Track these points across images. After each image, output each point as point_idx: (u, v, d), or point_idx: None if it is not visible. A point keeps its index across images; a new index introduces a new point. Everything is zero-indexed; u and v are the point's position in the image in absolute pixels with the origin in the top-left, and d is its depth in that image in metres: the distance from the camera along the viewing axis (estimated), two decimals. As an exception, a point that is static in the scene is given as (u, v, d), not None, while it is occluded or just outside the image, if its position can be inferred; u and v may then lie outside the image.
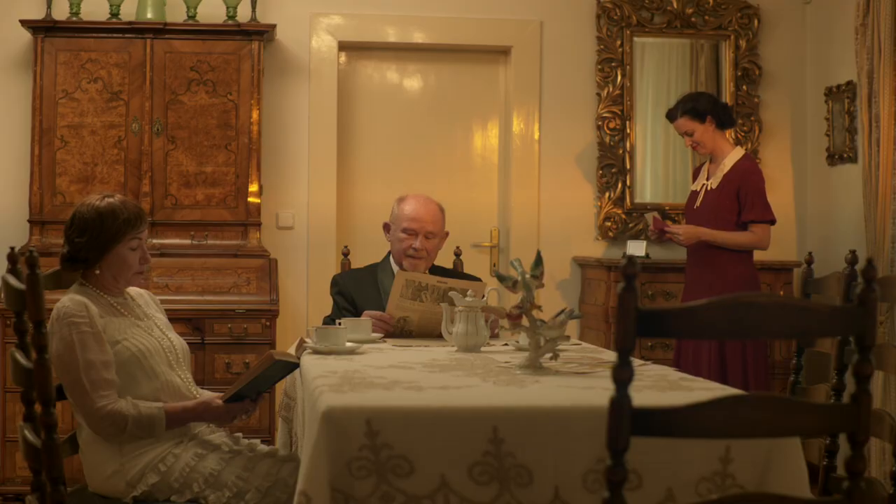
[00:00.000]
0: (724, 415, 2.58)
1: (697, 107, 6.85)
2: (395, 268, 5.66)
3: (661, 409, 2.58)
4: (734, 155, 6.82)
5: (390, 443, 3.23)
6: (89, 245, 4.15)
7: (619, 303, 2.53)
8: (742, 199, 6.72)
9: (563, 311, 4.13)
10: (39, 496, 3.66)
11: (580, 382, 3.79)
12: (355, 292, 5.62)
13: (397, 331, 5.30)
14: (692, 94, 7.18)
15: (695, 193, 6.94)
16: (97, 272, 4.19)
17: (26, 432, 3.69)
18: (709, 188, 6.83)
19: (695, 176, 7.12)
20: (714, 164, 6.88)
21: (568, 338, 4.22)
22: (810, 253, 5.06)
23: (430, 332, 5.25)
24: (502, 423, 3.27)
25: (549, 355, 4.08)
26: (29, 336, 3.60)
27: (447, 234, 5.72)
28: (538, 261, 4.20)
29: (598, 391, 3.58)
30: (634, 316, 2.52)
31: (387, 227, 5.73)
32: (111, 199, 4.21)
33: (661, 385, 3.76)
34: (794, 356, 4.88)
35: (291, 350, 4.75)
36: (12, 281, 3.70)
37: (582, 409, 3.33)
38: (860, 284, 2.68)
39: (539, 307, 4.13)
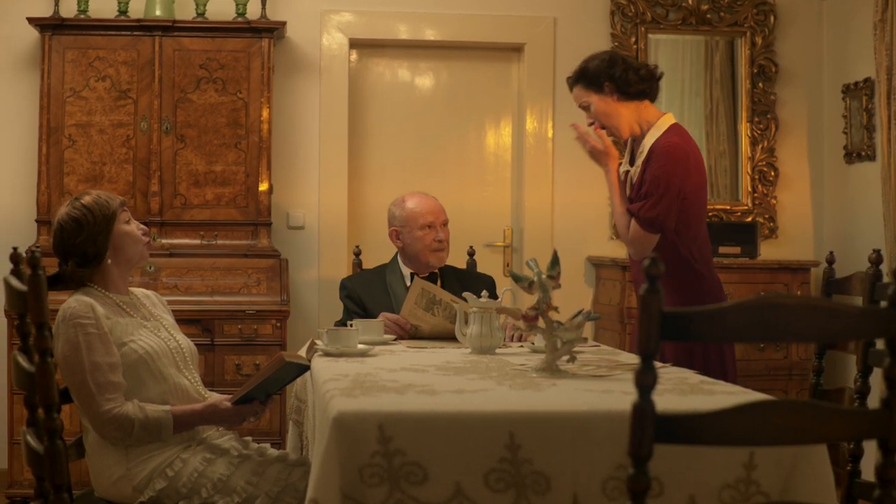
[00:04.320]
0: (751, 421, 2.50)
1: (589, 69, 5.19)
2: (405, 270, 5.64)
3: (685, 415, 2.50)
4: (656, 130, 5.11)
5: (403, 449, 3.15)
6: (92, 237, 4.13)
7: (642, 305, 2.45)
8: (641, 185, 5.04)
9: (580, 313, 4.04)
10: (43, 503, 3.59)
11: (598, 385, 3.71)
12: (364, 295, 5.59)
13: (408, 336, 5.25)
14: (591, 54, 5.35)
15: (623, 183, 5.25)
16: (109, 262, 4.14)
17: (29, 438, 3.62)
18: (632, 178, 5.16)
19: (624, 147, 5.41)
20: (638, 145, 5.19)
21: (585, 339, 4.14)
22: (831, 252, 4.95)
23: (441, 338, 5.22)
24: (519, 428, 3.18)
25: (565, 358, 4.00)
26: (32, 338, 3.53)
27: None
28: (555, 261, 4.12)
29: (617, 395, 3.49)
30: (658, 318, 2.44)
31: (395, 234, 5.68)
32: (85, 195, 4.24)
33: (681, 388, 3.68)
34: (814, 357, 4.78)
35: (302, 352, 4.69)
36: (14, 282, 3.64)
37: (601, 414, 3.24)
38: (892, 285, 2.59)
39: (556, 308, 4.05)
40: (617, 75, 5.11)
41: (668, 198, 4.92)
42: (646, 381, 2.46)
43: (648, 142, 5.07)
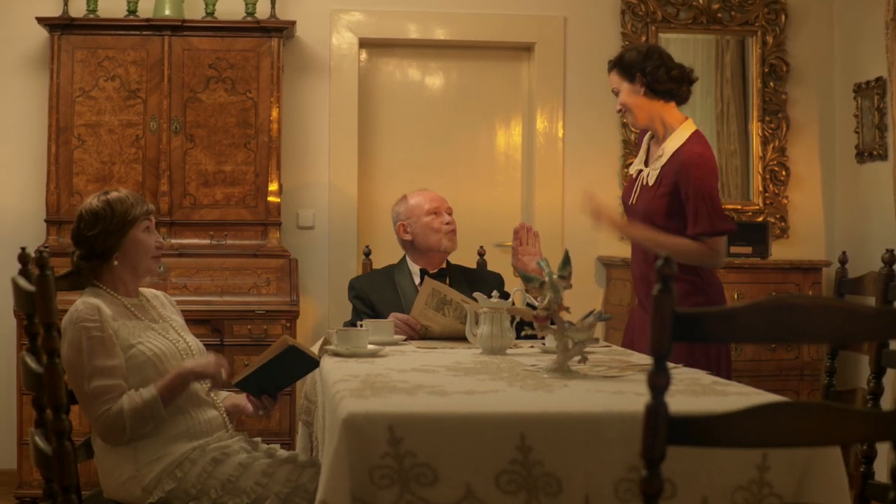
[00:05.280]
0: (764, 423, 2.47)
1: (625, 58, 5.24)
2: (413, 269, 5.63)
3: (698, 416, 2.47)
4: (678, 136, 5.16)
5: (414, 450, 3.13)
6: (104, 234, 4.11)
7: (656, 305, 2.42)
8: (685, 204, 5.06)
9: (591, 313, 4.02)
10: (52, 504, 3.57)
11: (610, 386, 3.68)
12: (373, 295, 5.57)
13: (418, 337, 5.23)
14: (635, 45, 5.59)
15: (632, 181, 5.37)
16: (115, 263, 4.12)
17: (37, 439, 3.60)
18: (645, 182, 5.23)
19: (637, 147, 5.58)
20: (656, 146, 5.27)
21: (597, 340, 4.12)
22: (844, 252, 4.91)
23: (451, 339, 5.19)
24: (530, 429, 3.16)
25: (577, 358, 3.97)
26: (40, 339, 3.51)
27: None
28: (566, 261, 4.10)
29: (629, 396, 3.47)
30: (671, 319, 2.41)
31: (402, 228, 5.67)
32: (115, 192, 4.21)
33: (693, 389, 3.65)
34: (826, 358, 4.75)
35: (315, 348, 4.66)
36: (22, 282, 3.61)
37: (613, 415, 3.22)
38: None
39: (567, 309, 4.03)
40: (648, 70, 5.14)
41: (717, 204, 5.03)
42: (659, 382, 2.44)
43: (670, 147, 5.10)
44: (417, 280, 5.57)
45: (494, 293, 4.73)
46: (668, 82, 5.16)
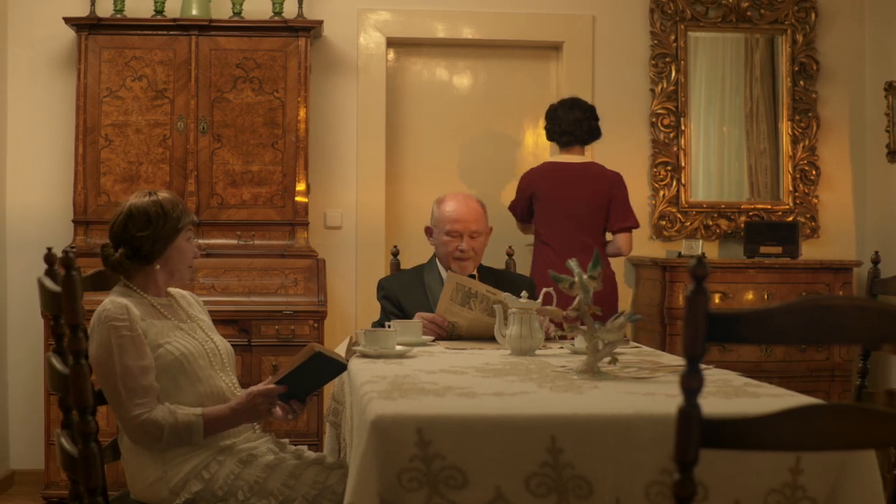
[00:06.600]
0: (798, 426, 2.44)
1: None
2: (442, 270, 5.58)
3: (732, 419, 2.44)
4: None
5: (443, 453, 3.10)
6: (154, 238, 4.08)
7: (689, 306, 2.39)
8: None
9: (622, 313, 3.98)
10: (79, 506, 3.55)
11: (641, 388, 3.64)
12: (402, 295, 5.52)
13: (446, 335, 5.19)
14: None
15: None
16: (157, 267, 4.10)
17: (63, 440, 3.58)
18: None
19: None
20: None
21: (627, 341, 4.08)
22: (877, 252, 4.88)
23: (479, 339, 5.14)
24: (560, 431, 3.13)
25: (607, 359, 3.94)
26: (66, 340, 3.49)
27: (491, 229, 5.61)
28: (596, 261, 4.06)
29: (660, 397, 3.43)
30: (705, 320, 2.37)
31: (429, 231, 5.64)
32: (164, 194, 4.19)
33: (725, 391, 3.61)
34: (858, 359, 4.70)
35: (341, 349, 4.64)
36: (48, 283, 3.60)
37: (644, 417, 3.18)
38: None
39: (597, 309, 3.99)
40: (546, 127, 7.11)
41: (515, 202, 7.16)
42: (692, 384, 2.41)
43: None
44: (446, 281, 5.53)
45: (523, 293, 4.70)
46: (553, 135, 7.07)
